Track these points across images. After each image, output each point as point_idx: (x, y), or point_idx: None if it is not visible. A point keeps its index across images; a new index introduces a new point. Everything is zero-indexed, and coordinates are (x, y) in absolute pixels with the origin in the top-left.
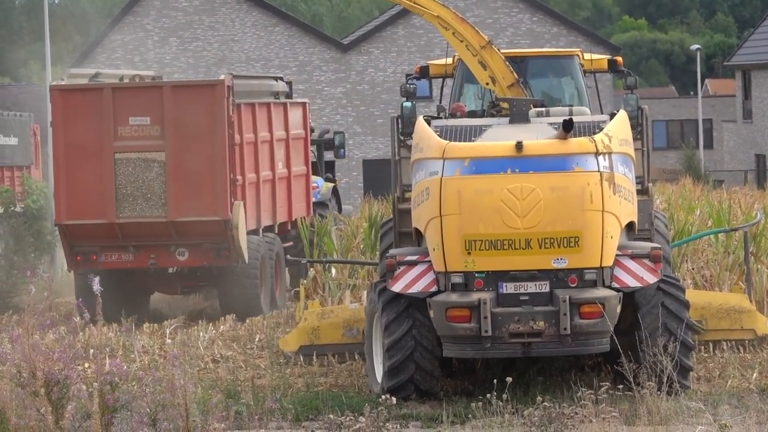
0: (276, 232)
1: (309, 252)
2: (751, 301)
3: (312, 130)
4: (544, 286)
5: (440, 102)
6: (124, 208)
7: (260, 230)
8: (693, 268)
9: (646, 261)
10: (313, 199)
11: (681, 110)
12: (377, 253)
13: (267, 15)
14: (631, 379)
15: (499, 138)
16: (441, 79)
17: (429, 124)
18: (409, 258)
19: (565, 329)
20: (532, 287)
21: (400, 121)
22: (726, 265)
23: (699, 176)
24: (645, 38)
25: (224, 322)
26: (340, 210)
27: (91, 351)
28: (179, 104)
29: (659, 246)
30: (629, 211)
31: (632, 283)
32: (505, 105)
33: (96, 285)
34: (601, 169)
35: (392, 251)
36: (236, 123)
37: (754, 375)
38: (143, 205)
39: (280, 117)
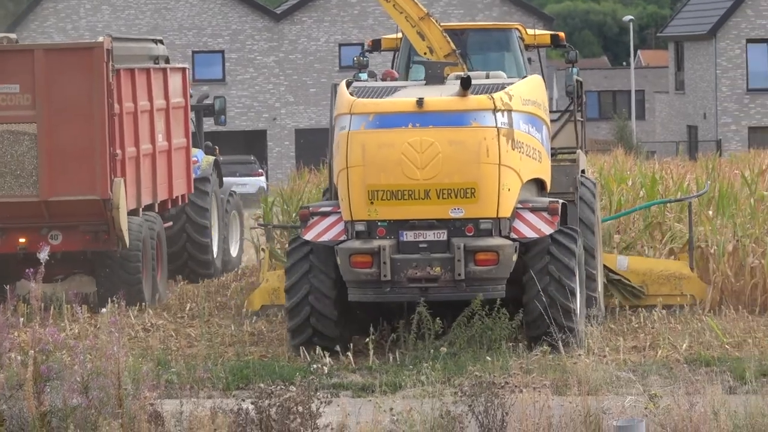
0: (156, 211)
1: (269, 218)
2: (692, 269)
3: (189, 96)
4: (441, 235)
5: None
6: None
7: (140, 210)
8: (624, 239)
9: (545, 213)
10: (194, 175)
11: (613, 81)
12: None
13: None
14: (561, 347)
15: (408, 96)
16: (392, 53)
17: (349, 86)
18: (322, 209)
19: (460, 275)
20: (430, 235)
21: None
22: (671, 232)
23: (631, 147)
24: (578, 9)
25: None
26: (221, 185)
27: (21, 320)
28: (53, 70)
29: (557, 200)
30: (533, 168)
31: (530, 234)
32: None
33: (44, 254)
34: (499, 125)
35: (308, 204)
36: (116, 91)
37: (684, 346)
38: (12, 182)
39: (160, 84)
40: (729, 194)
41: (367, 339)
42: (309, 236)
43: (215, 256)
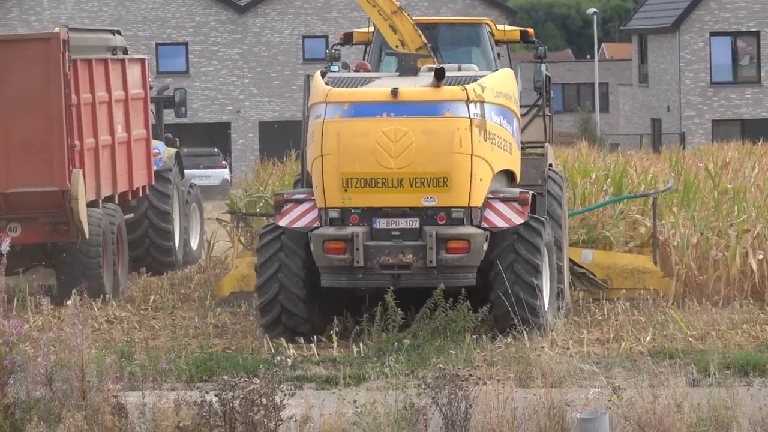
0: (116, 202)
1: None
2: (655, 263)
3: (150, 88)
4: (414, 223)
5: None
6: None
7: (100, 201)
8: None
9: (515, 204)
10: (155, 168)
11: (577, 74)
12: None
13: None
14: (526, 337)
15: (382, 87)
16: (363, 46)
17: (324, 76)
18: (296, 196)
19: (431, 262)
20: (403, 223)
21: None
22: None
23: (595, 140)
24: (542, 2)
25: None
26: (182, 177)
27: None
28: (9, 61)
29: (527, 191)
30: (504, 159)
31: (500, 223)
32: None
33: (5, 245)
34: (472, 116)
35: (282, 191)
36: (73, 82)
37: (648, 338)
38: None
39: (119, 75)
40: (693, 187)
41: (331, 331)
42: (283, 222)
43: (176, 247)
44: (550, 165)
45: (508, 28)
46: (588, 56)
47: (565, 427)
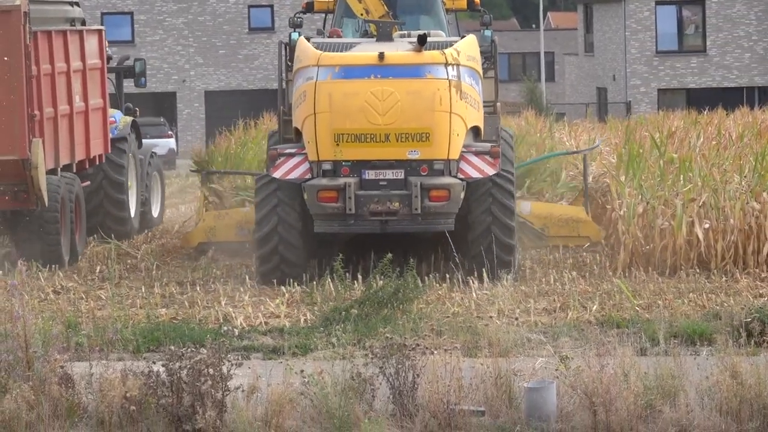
0: (74, 170)
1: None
2: (587, 213)
3: (109, 59)
4: (399, 174)
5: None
6: None
7: (59, 170)
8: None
9: (487, 157)
10: (111, 135)
11: (523, 43)
12: None
13: None
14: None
15: (365, 51)
16: (324, 14)
17: (309, 41)
18: (288, 150)
19: (416, 209)
20: (389, 174)
21: (288, 49)
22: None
23: (541, 109)
24: None
25: None
26: (140, 146)
27: None
28: None
29: (497, 144)
30: (474, 116)
31: (474, 174)
32: (374, 28)
33: None
34: (450, 78)
35: (275, 145)
36: (33, 53)
37: (595, 307)
38: None
39: (77, 46)
40: (639, 156)
41: (277, 300)
42: (277, 174)
43: (132, 215)
44: None
45: None
46: (533, 25)
47: (512, 397)
